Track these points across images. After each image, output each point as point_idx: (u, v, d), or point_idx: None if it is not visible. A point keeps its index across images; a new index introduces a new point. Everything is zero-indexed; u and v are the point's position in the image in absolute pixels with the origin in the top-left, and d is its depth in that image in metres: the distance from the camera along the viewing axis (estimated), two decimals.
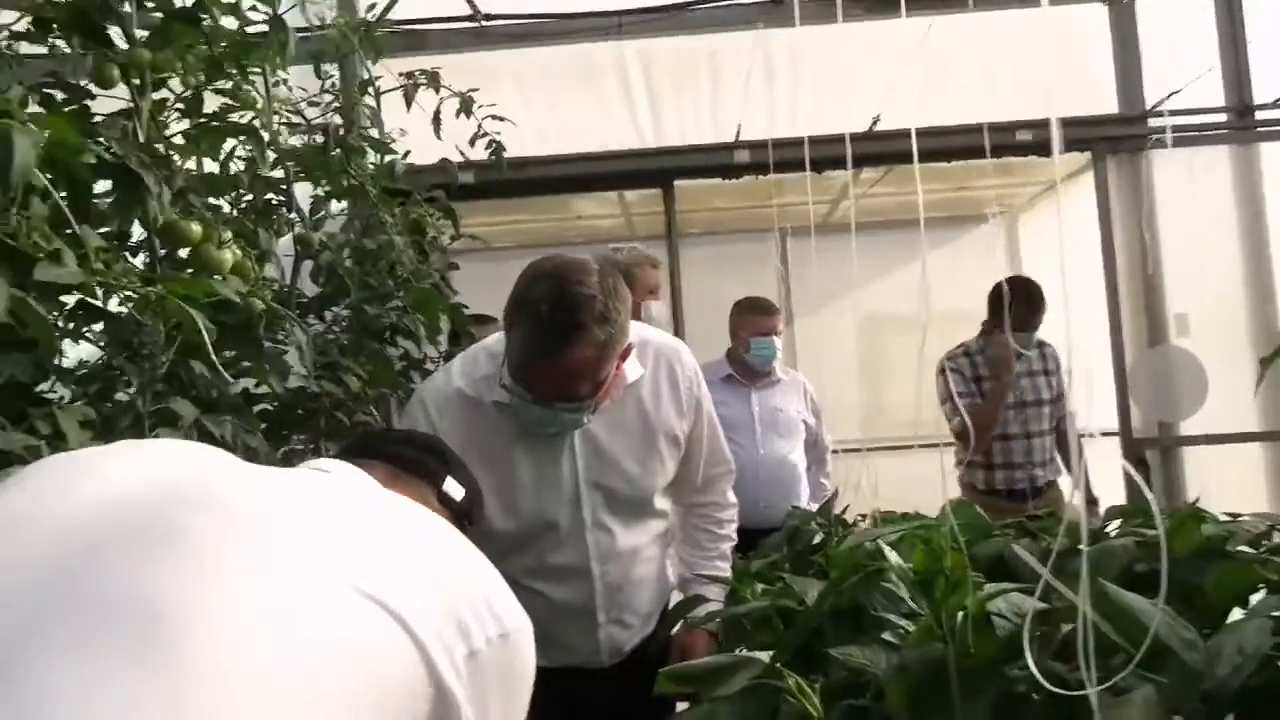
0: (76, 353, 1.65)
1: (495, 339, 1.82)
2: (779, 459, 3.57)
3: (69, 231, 1.33)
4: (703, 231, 5.51)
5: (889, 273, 4.53)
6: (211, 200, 1.69)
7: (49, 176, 1.31)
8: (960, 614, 1.13)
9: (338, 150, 2.29)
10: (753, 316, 3.57)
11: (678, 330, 4.58)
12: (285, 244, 2.19)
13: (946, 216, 5.30)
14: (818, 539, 2.06)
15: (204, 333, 1.39)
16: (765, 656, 1.20)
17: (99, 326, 1.56)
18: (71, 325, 1.55)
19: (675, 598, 2.02)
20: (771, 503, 3.30)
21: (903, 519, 1.78)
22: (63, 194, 1.32)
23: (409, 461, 1.12)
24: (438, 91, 2.71)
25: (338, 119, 2.40)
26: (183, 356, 1.61)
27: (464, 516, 1.14)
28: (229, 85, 1.64)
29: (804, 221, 1.67)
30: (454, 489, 1.15)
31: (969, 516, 1.30)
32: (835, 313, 5.09)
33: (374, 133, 2.56)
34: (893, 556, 1.14)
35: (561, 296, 1.58)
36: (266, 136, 2.01)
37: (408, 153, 2.66)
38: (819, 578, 1.59)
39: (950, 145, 3.88)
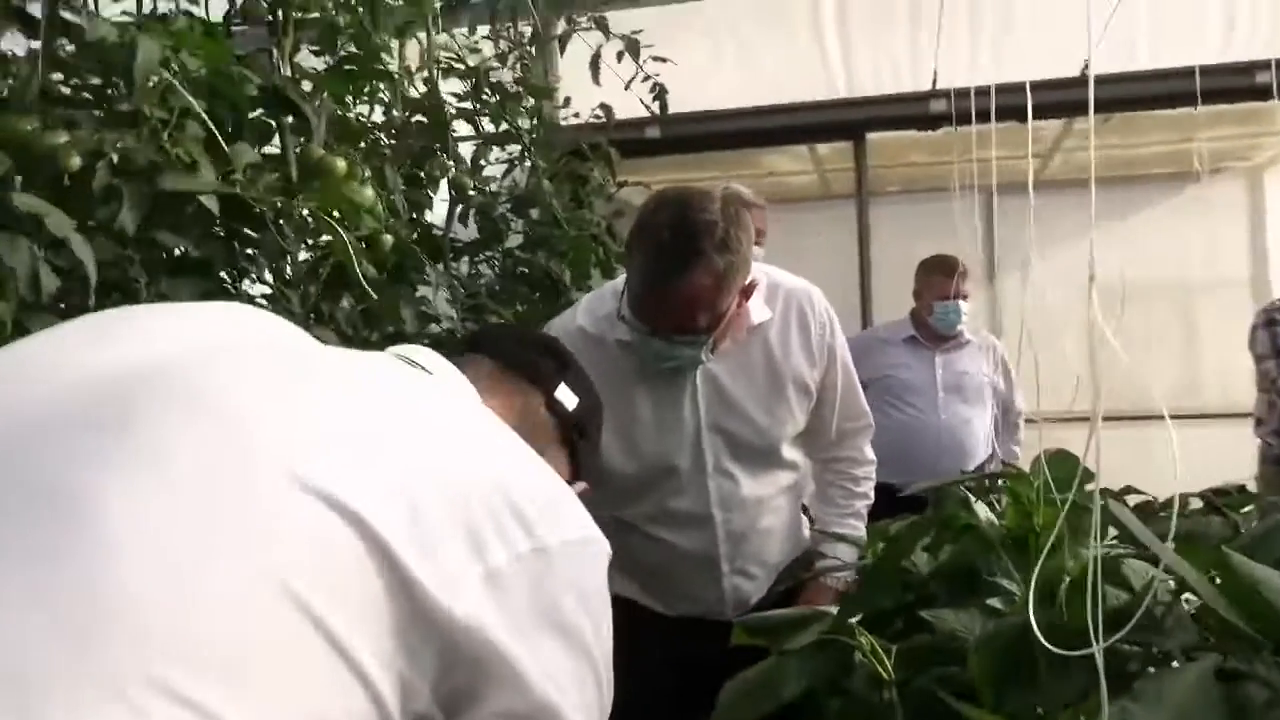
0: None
1: (620, 279, 1.80)
2: (960, 424, 3.37)
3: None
4: (899, 189, 5.27)
5: (1106, 232, 4.17)
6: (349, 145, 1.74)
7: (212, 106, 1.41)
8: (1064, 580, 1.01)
9: (496, 98, 2.32)
10: (936, 277, 3.38)
11: (864, 293, 4.43)
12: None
13: (1170, 173, 4.81)
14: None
15: (349, 250, 1.44)
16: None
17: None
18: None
19: None
20: (951, 470, 3.13)
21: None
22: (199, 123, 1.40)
23: (519, 360, 1.00)
24: (607, 37, 2.70)
25: (505, 69, 2.44)
26: (330, 291, 1.68)
27: (574, 428, 1.01)
28: (362, 29, 1.69)
29: (1007, 178, 1.54)
30: (566, 396, 1.00)
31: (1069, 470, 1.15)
32: (1045, 275, 4.74)
33: (540, 82, 2.58)
34: (981, 511, 1.04)
35: (682, 222, 1.55)
36: (421, 86, 2.08)
37: (568, 100, 2.67)
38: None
39: (1174, 90, 3.52)
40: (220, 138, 1.42)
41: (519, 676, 0.70)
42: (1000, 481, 1.14)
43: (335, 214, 1.53)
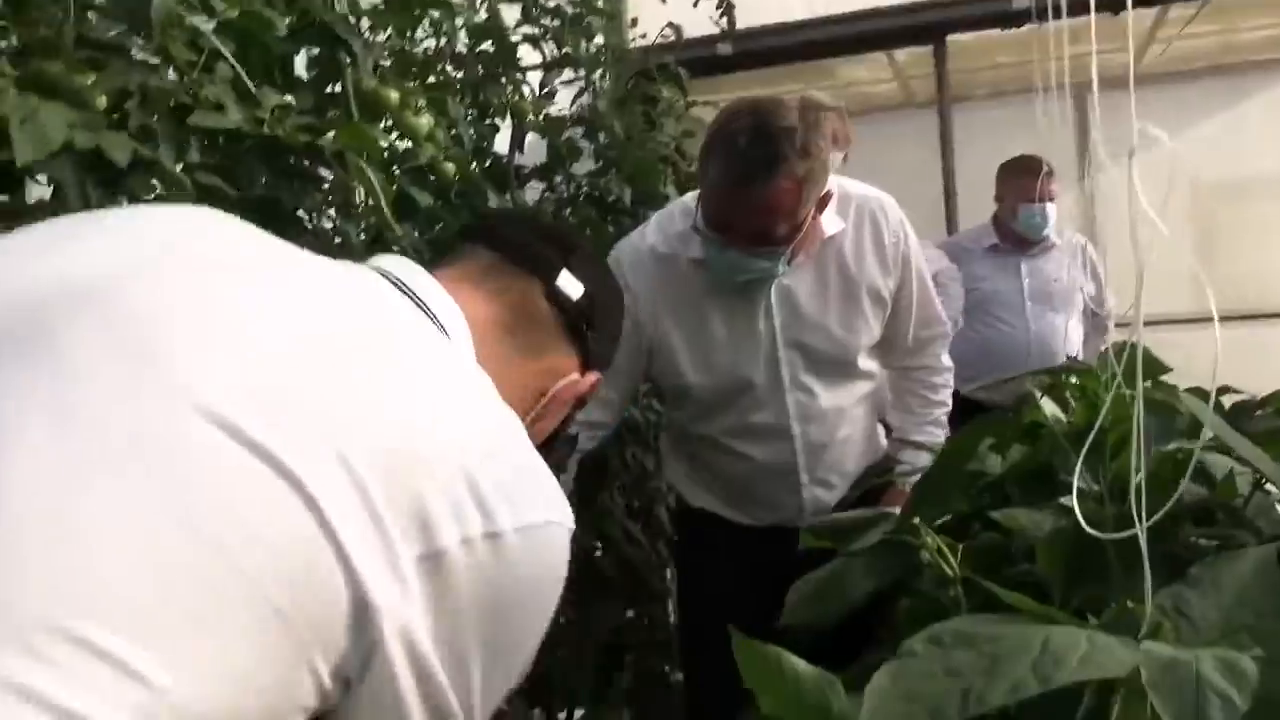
0: None
1: (691, 196, 1.79)
2: (1051, 334, 3.21)
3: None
4: (987, 93, 5.07)
5: (1208, 125, 3.97)
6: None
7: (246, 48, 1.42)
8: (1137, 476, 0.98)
9: (557, 22, 2.30)
10: (1021, 179, 3.20)
11: (949, 204, 4.29)
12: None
13: (1274, 59, 4.51)
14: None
15: (376, 186, 1.46)
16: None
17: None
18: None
19: None
20: None
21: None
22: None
23: (517, 249, 0.91)
24: None
25: None
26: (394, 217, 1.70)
27: (580, 319, 0.92)
28: None
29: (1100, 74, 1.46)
30: (569, 284, 0.90)
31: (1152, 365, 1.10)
32: (1143, 173, 4.51)
33: (602, 4, 2.54)
34: (1047, 407, 1.01)
35: (761, 127, 1.53)
36: (482, 14, 2.07)
37: (635, 20, 2.62)
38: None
39: None
40: (255, 78, 1.42)
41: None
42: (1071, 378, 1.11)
43: (376, 148, 1.53)
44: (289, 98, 1.48)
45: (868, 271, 1.76)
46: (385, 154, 1.57)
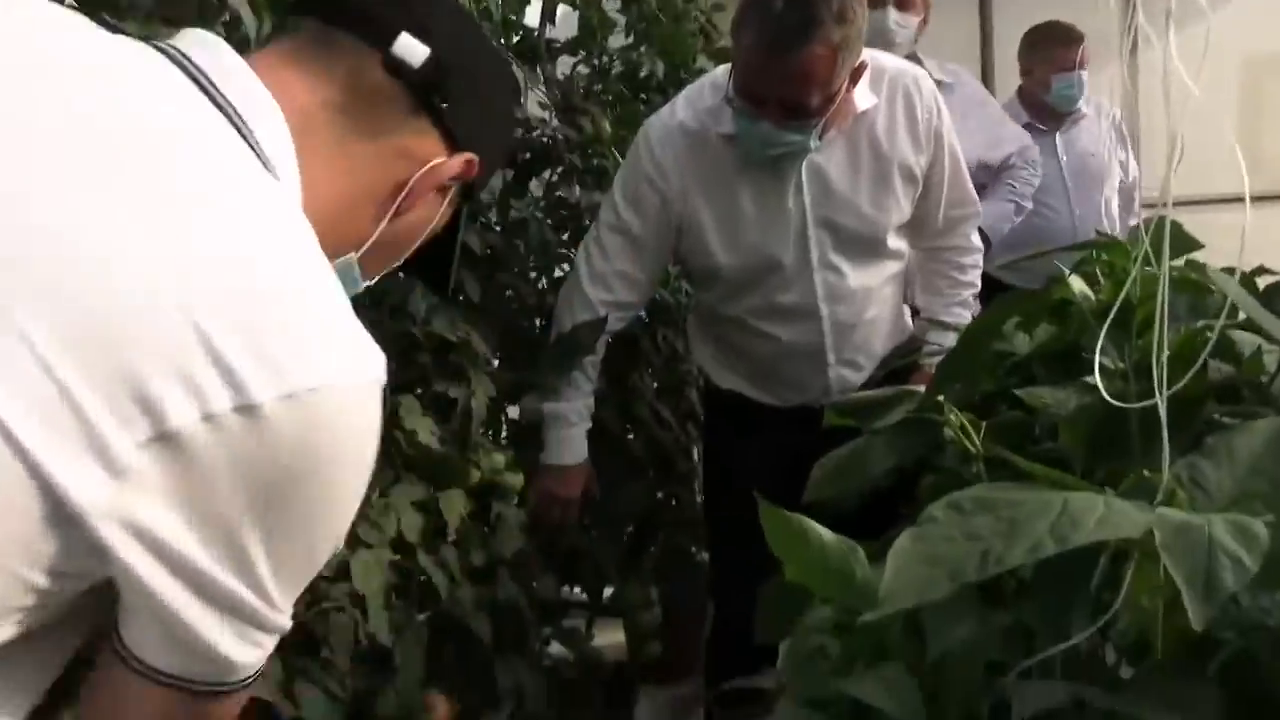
0: None
1: (722, 70, 1.76)
2: (1094, 213, 2.98)
3: None
4: None
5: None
6: None
7: None
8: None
9: None
10: (1053, 49, 3.00)
11: (986, 74, 4.17)
12: None
13: None
14: None
15: None
16: None
17: None
18: None
19: None
20: None
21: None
22: None
23: (346, 14, 0.76)
24: None
25: None
26: None
27: (429, 89, 0.76)
28: None
29: None
30: (409, 48, 0.75)
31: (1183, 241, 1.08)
32: (1188, 48, 4.33)
33: None
34: (1076, 284, 1.01)
35: None
36: None
37: None
38: None
39: None
40: None
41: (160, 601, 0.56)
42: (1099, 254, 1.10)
43: None
44: None
45: (900, 148, 1.73)
46: None
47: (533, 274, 2.03)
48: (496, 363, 1.81)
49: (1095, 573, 0.62)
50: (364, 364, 0.60)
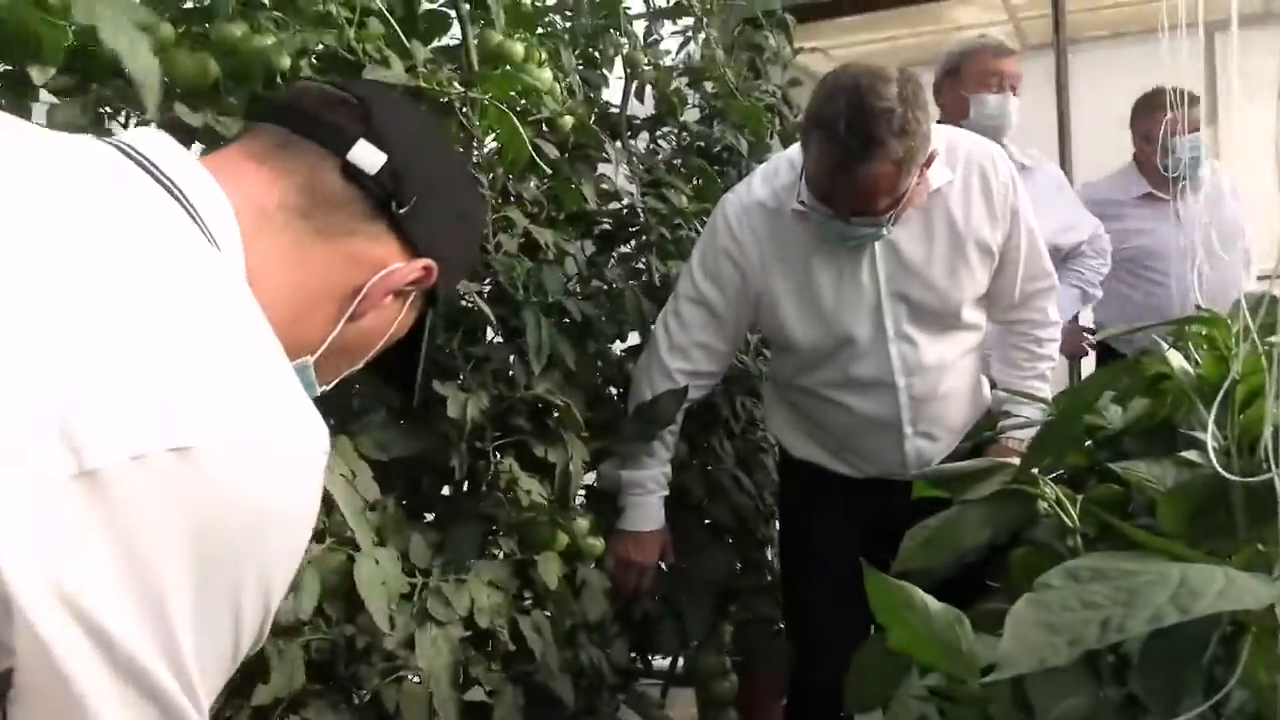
0: None
1: (796, 149, 1.80)
2: (1224, 283, 2.67)
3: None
4: (1105, 34, 4.88)
5: None
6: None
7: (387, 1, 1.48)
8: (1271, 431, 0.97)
9: None
10: (1169, 112, 2.93)
11: (1063, 147, 4.17)
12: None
13: None
14: None
15: (521, 134, 1.51)
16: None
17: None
18: None
19: None
20: None
21: None
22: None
23: (305, 119, 0.77)
24: None
25: None
26: (515, 171, 1.75)
27: (386, 197, 0.77)
28: None
29: (1224, 13, 1.41)
30: (366, 155, 0.76)
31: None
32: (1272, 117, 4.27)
33: None
34: (1174, 360, 1.00)
35: (858, 111, 1.53)
36: None
37: None
38: None
39: None
40: (400, 32, 1.49)
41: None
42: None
43: (513, 98, 1.59)
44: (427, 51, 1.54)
45: (975, 223, 1.75)
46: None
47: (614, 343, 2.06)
48: None
49: (1209, 647, 0.62)
50: (309, 430, 0.59)
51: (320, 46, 1.31)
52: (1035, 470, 1.06)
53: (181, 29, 1.29)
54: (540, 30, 1.92)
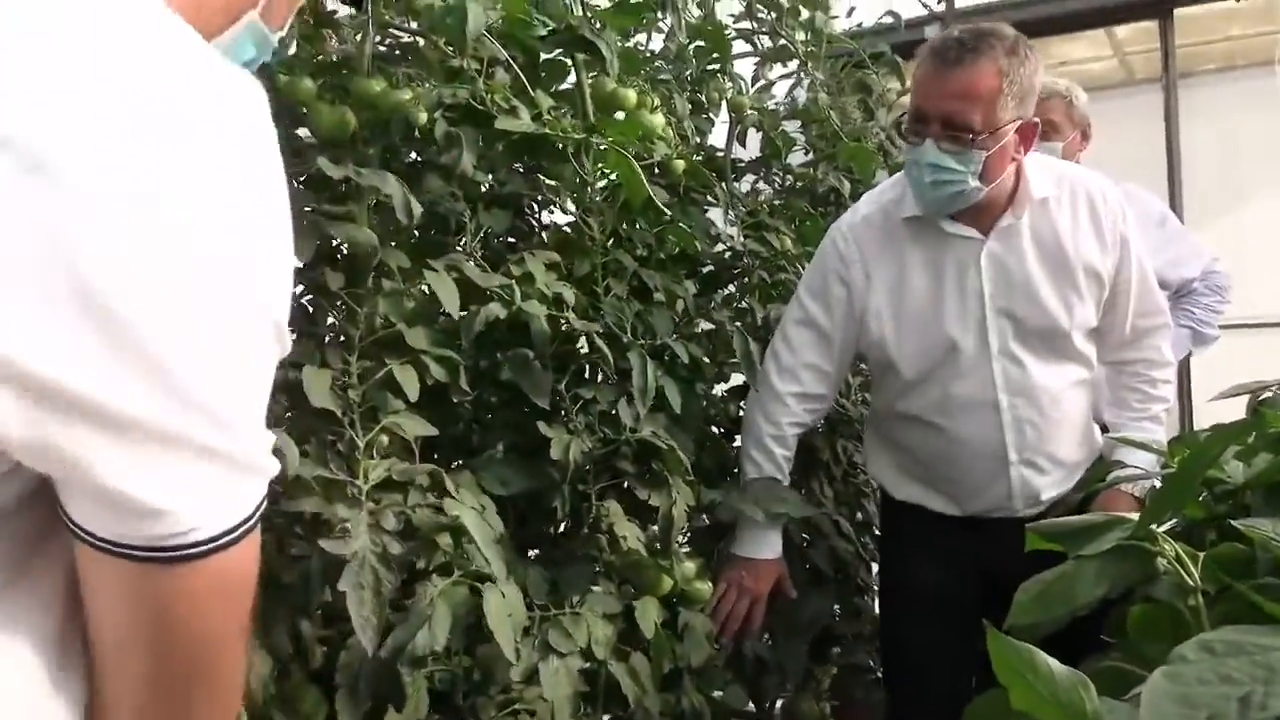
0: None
1: (901, 172, 1.82)
2: None
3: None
4: (1216, 68, 4.75)
5: None
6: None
7: (508, 51, 1.55)
8: None
9: (772, 15, 2.34)
10: None
11: (1172, 187, 4.06)
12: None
13: None
14: None
15: (639, 175, 1.56)
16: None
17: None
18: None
19: None
20: None
21: None
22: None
23: None
24: None
25: None
26: (623, 212, 1.80)
27: None
28: None
29: None
30: None
31: None
32: None
33: None
34: None
35: (970, 30, 1.64)
36: (696, 10, 2.14)
37: (852, 9, 2.63)
38: None
39: None
40: (525, 81, 1.56)
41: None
42: None
43: (627, 143, 1.64)
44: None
45: (1084, 249, 1.73)
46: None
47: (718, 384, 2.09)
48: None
49: None
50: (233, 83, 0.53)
51: (452, 97, 1.38)
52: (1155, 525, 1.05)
53: (320, 82, 1.38)
54: (649, 75, 1.97)
